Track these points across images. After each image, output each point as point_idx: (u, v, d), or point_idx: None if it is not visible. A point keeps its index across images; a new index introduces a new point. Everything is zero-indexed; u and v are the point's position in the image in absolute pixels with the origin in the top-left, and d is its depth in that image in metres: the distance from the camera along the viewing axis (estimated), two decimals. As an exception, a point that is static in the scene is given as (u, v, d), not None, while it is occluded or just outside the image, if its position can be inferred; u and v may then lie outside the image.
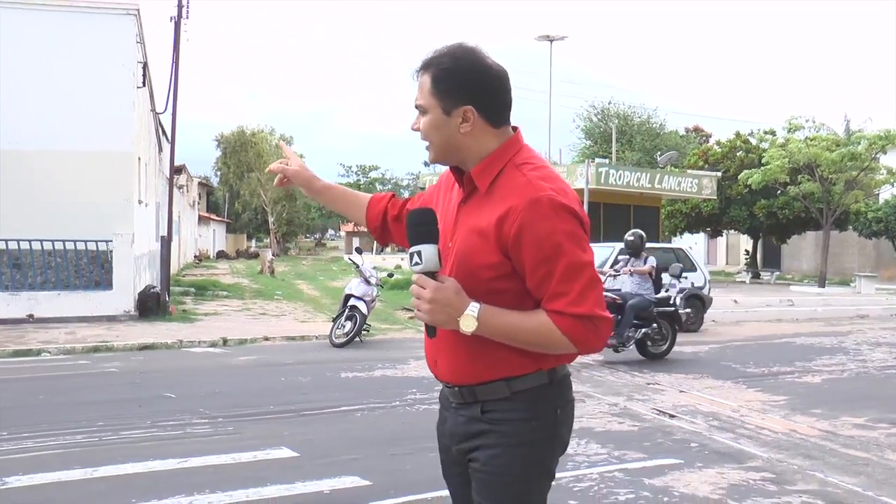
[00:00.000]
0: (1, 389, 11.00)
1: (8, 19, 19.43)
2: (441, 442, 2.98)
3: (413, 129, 2.80)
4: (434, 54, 2.73)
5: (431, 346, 2.81)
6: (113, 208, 19.37)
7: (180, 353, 14.65)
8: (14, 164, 19.06)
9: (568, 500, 6.29)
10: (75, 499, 6.24)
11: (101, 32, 20.03)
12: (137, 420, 8.95)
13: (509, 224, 2.58)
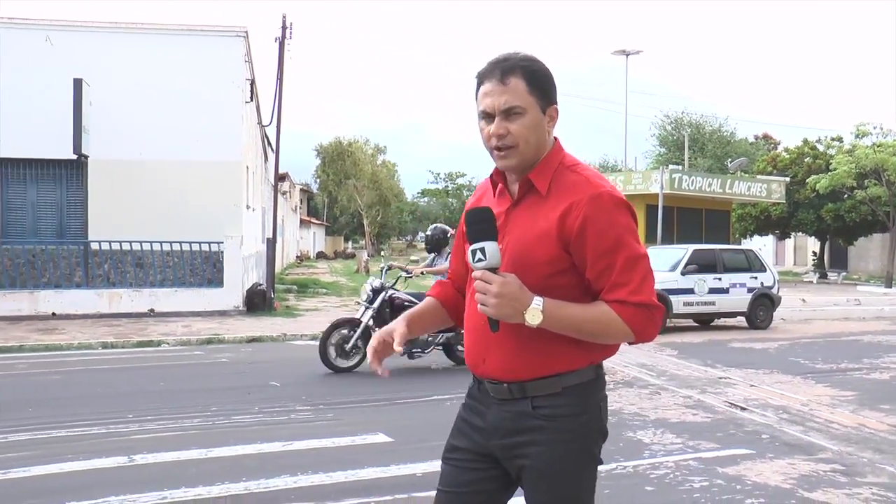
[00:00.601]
0: (126, 376, 11.34)
1: (133, 43, 20.04)
2: (464, 432, 2.82)
3: (497, 135, 2.60)
4: (511, 58, 2.62)
5: (479, 344, 2.71)
6: (224, 213, 19.79)
7: (284, 345, 14.91)
8: (137, 173, 19.64)
9: (645, 486, 6.29)
10: (193, 476, 6.38)
11: (214, 53, 20.50)
12: (247, 406, 9.15)
13: (573, 218, 2.55)
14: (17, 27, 19.86)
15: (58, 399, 9.78)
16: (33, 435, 7.80)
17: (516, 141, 2.59)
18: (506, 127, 2.59)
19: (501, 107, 2.58)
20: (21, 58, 19.43)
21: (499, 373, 2.67)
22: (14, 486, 6.27)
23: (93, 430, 8.00)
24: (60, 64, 19.11)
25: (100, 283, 18.68)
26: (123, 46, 20.01)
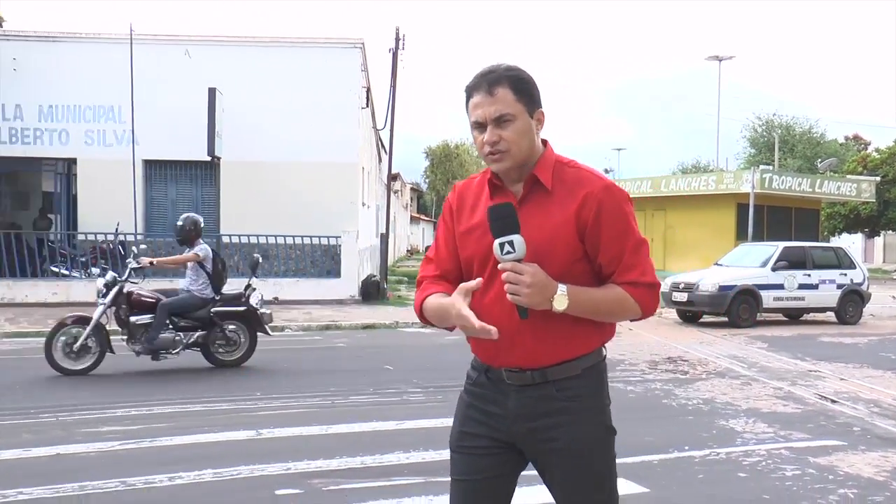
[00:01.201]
0: (253, 358, 11.61)
1: (261, 55, 20.50)
2: (478, 420, 2.76)
3: (490, 142, 2.59)
4: (496, 70, 2.62)
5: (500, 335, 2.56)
6: (341, 210, 20.10)
7: (396, 332, 15.08)
8: (264, 173, 20.10)
9: (738, 472, 6.19)
10: (315, 450, 6.52)
11: (333, 64, 20.80)
12: (362, 387, 9.30)
13: (588, 208, 2.58)
14: (159, 42, 20.50)
15: (193, 376, 10.09)
16: (172, 408, 8.10)
17: (508, 146, 2.59)
18: (498, 134, 2.59)
19: (492, 115, 2.58)
20: (162, 70, 20.05)
21: (520, 362, 2.65)
22: (160, 452, 6.52)
23: (224, 406, 8.26)
24: (197, 75, 19.65)
25: (265, 273, 19.09)
26: (252, 58, 20.49)
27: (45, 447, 6.67)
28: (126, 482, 5.71)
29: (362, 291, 19.52)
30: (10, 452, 6.55)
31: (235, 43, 20.96)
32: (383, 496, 5.45)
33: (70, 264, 18.62)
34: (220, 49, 20.69)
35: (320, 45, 21.13)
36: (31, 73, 20.27)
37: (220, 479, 5.82)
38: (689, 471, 6.17)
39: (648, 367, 11.14)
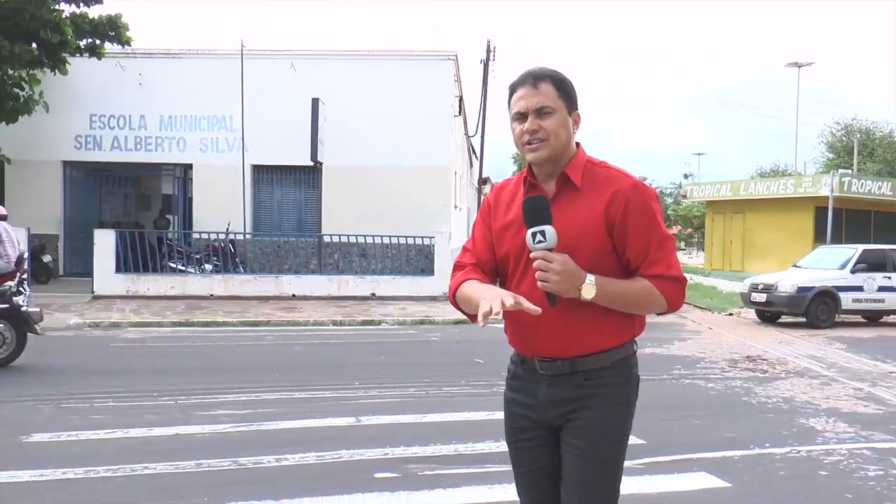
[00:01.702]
0: (353, 350, 11.77)
1: (360, 67, 20.75)
2: (515, 410, 2.80)
3: (529, 130, 2.63)
4: (540, 69, 2.68)
5: (530, 326, 2.64)
6: (434, 211, 20.22)
7: (486, 327, 14.98)
8: (362, 177, 20.36)
9: (819, 470, 5.99)
10: (410, 437, 6.57)
11: (428, 74, 20.95)
12: (455, 379, 9.33)
13: (617, 204, 2.59)
14: (266, 57, 20.94)
15: (298, 366, 10.29)
16: (279, 395, 8.25)
17: (547, 135, 2.62)
18: (538, 123, 2.62)
19: (534, 106, 2.62)
20: (269, 82, 20.48)
21: (552, 351, 2.66)
22: (266, 436, 6.66)
23: (326, 394, 8.37)
24: (301, 86, 20.00)
25: (331, 270, 19.43)
26: (353, 70, 20.76)
27: (165, 427, 6.89)
28: (237, 461, 5.86)
29: (453, 289, 19.52)
30: (135, 431, 6.78)
31: (337, 56, 21.27)
32: (475, 482, 5.47)
33: (186, 261, 19.12)
34: (323, 62, 21.03)
35: (416, 57, 21.30)
36: (153, 86, 20.94)
37: (322, 461, 5.92)
38: (769, 467, 6.03)
39: (728, 364, 10.92)
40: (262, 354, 11.26)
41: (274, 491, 5.21)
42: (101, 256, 18.02)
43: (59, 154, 21.20)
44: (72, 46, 18.00)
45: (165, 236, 19.86)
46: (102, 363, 10.54)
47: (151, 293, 17.94)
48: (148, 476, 5.58)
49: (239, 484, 5.38)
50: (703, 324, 16.10)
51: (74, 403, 7.81)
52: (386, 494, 5.18)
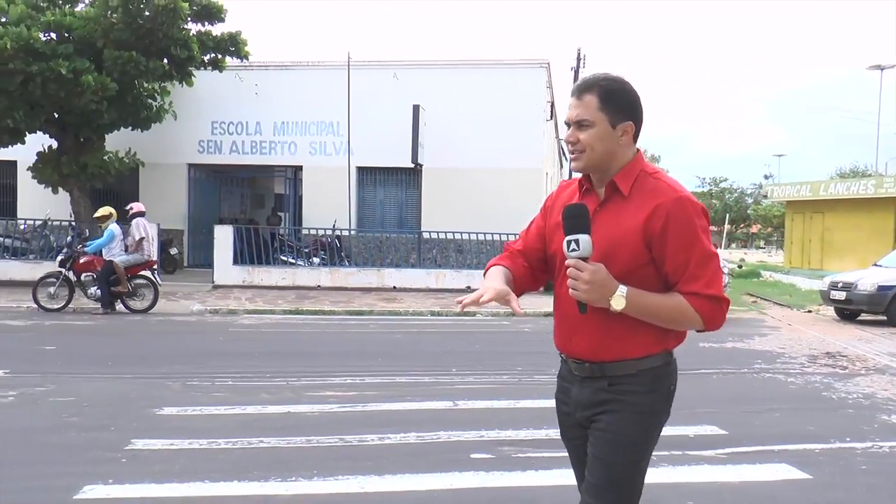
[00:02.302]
0: (449, 339, 11.81)
1: (458, 75, 20.80)
2: (561, 409, 2.75)
3: (568, 141, 2.58)
4: (594, 78, 2.56)
5: (568, 326, 2.61)
6: (526, 210, 19.97)
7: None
8: (459, 178, 20.42)
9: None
10: (504, 421, 6.56)
11: (521, 81, 20.85)
12: (546, 368, 9.18)
13: (657, 218, 2.44)
14: (371, 68, 21.18)
15: (399, 353, 10.38)
16: (382, 379, 8.34)
17: (584, 147, 2.52)
18: (576, 135, 2.53)
19: (574, 118, 2.53)
20: (373, 90, 20.70)
21: (584, 353, 2.58)
22: (370, 416, 6.74)
23: (425, 379, 8.42)
24: (403, 94, 20.17)
25: (429, 265, 19.53)
26: (451, 78, 20.82)
27: (278, 406, 7.04)
28: (343, 439, 5.95)
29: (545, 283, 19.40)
30: (251, 408, 6.96)
31: (436, 66, 21.37)
32: (566, 465, 5.37)
33: (296, 254, 19.50)
34: (423, 71, 21.15)
35: (510, 65, 21.23)
36: (268, 96, 21.42)
37: (422, 441, 5.97)
38: (851, 461, 5.80)
39: (808, 360, 10.56)
40: (365, 341, 11.41)
41: (377, 467, 5.27)
42: (220, 250, 18.56)
43: (185, 157, 21.90)
44: (197, 61, 18.55)
45: (277, 232, 20.30)
46: (222, 346, 10.85)
47: (264, 283, 18.36)
48: (263, 449, 5.72)
49: (345, 459, 5.46)
50: (782, 320, 15.62)
51: (198, 381, 8.07)
52: (481, 474, 5.19)
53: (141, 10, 17.01)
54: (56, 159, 18.46)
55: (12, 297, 15.26)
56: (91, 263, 13.64)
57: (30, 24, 16.45)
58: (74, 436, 6.03)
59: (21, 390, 7.53)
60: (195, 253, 22.32)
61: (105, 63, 17.10)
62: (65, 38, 17.29)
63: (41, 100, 17.01)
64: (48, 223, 19.16)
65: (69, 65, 16.40)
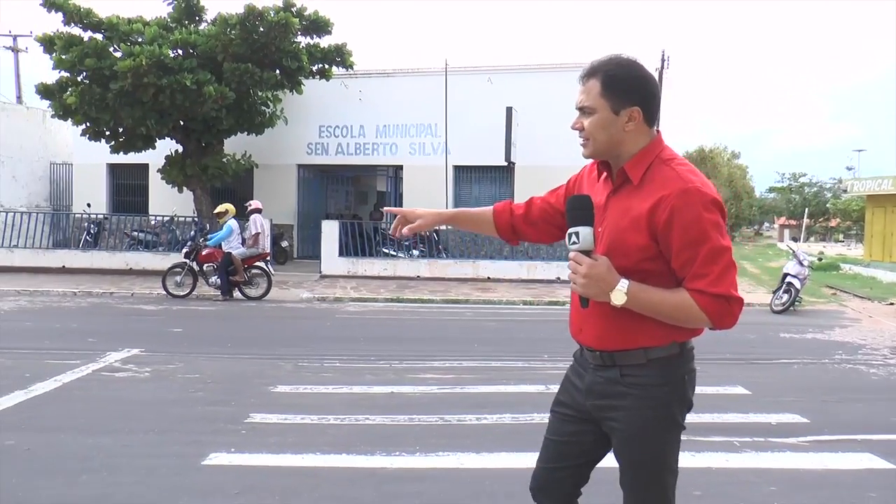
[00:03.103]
0: (541, 327, 11.73)
1: (547, 78, 20.58)
2: (569, 390, 2.55)
3: (574, 128, 2.38)
4: (600, 62, 2.32)
5: (579, 315, 2.42)
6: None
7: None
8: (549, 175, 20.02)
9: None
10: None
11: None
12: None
13: (661, 210, 2.20)
14: (467, 73, 21.16)
15: (493, 339, 10.36)
16: (478, 363, 8.34)
17: (588, 135, 2.33)
18: (581, 122, 2.35)
19: (578, 104, 2.35)
20: (468, 94, 20.70)
21: (593, 342, 2.39)
22: (468, 397, 6.76)
23: (518, 364, 8.38)
24: (496, 96, 20.11)
25: (521, 257, 19.43)
26: (541, 81, 20.60)
27: (382, 386, 7.14)
28: (443, 418, 5.98)
29: (628, 275, 19.08)
30: (357, 388, 7.07)
31: (527, 70, 21.22)
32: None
33: (396, 247, 19.68)
34: (516, 75, 21.02)
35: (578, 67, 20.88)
36: (371, 101, 21.66)
37: (517, 422, 5.95)
38: (938, 451, 5.52)
39: (890, 352, 10.06)
40: (462, 328, 11.44)
41: (475, 445, 5.28)
42: (327, 243, 18.89)
43: (295, 159, 22.36)
44: (306, 71, 18.91)
45: (380, 226, 20.52)
46: (329, 331, 11.05)
47: (368, 274, 18.60)
48: (369, 426, 5.80)
49: (445, 437, 5.49)
50: (862, 312, 14.94)
51: (308, 363, 8.24)
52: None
53: (256, 27, 17.46)
54: (181, 162, 19.15)
55: (145, 285, 15.91)
56: (212, 255, 14.13)
57: (161, 43, 17.09)
58: (200, 409, 6.25)
59: (154, 367, 7.85)
60: (304, 246, 22.80)
61: (224, 75, 17.64)
62: (190, 53, 17.90)
63: (169, 109, 17.65)
64: (175, 219, 19.92)
65: (193, 77, 16.96)
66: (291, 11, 17.61)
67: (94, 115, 17.85)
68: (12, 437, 5.37)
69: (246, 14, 17.35)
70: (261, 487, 4.45)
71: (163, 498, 4.28)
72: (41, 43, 17.87)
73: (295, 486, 4.48)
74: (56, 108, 18.23)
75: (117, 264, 18.70)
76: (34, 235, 19.67)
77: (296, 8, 17.92)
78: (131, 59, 16.48)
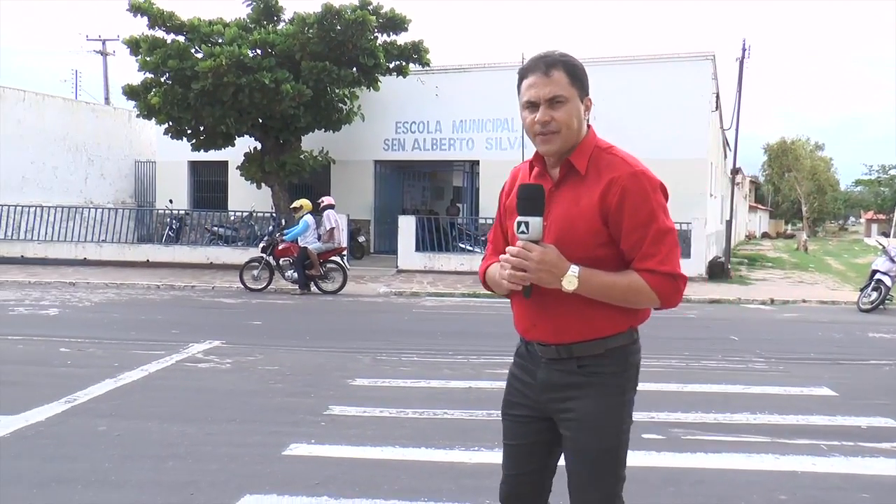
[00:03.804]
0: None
1: (625, 71, 20.30)
2: (516, 385, 2.51)
3: (544, 122, 2.28)
4: (551, 55, 2.33)
5: (529, 311, 2.38)
6: (691, 200, 19.39)
7: (738, 307, 14.29)
8: (625, 169, 19.92)
9: None
10: (673, 403, 6.37)
11: (685, 74, 20.05)
12: (711, 354, 8.90)
13: (612, 193, 2.25)
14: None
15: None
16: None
17: (559, 127, 2.28)
18: (550, 114, 2.27)
19: (546, 96, 2.27)
20: (545, 87, 20.52)
21: (549, 336, 2.36)
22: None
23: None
24: (572, 90, 19.88)
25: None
26: (616, 74, 20.28)
27: (460, 381, 7.15)
28: (521, 415, 5.95)
29: (709, 271, 18.70)
30: (435, 382, 7.10)
31: (604, 63, 20.89)
32: (735, 450, 5.18)
33: (473, 242, 19.70)
34: (590, 68, 19.82)
35: (676, 59, 20.46)
36: (447, 96, 21.71)
37: (595, 419, 5.87)
38: None
39: None
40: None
41: (553, 441, 5.23)
42: (403, 237, 19.04)
43: (371, 154, 22.59)
44: (383, 68, 19.07)
45: (456, 221, 20.57)
46: (407, 325, 11.13)
47: (444, 269, 18.68)
48: (447, 420, 5.82)
49: (523, 433, 5.46)
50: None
51: (386, 356, 8.32)
52: (653, 454, 5.05)
53: (333, 25, 17.69)
54: (260, 159, 19.55)
55: (225, 278, 16.32)
56: (288, 250, 14.39)
57: (240, 43, 17.49)
58: (280, 400, 6.37)
59: (235, 358, 8.04)
60: (380, 240, 23.01)
61: (302, 73, 17.94)
62: (268, 52, 18.25)
63: (248, 107, 18.04)
64: (253, 214, 20.36)
65: (272, 76, 17.30)
66: (368, 10, 17.79)
67: (177, 115, 18.41)
68: (104, 424, 5.58)
69: (324, 13, 17.61)
70: (341, 478, 4.50)
71: (245, 486, 4.38)
72: (127, 46, 18.52)
73: (374, 478, 4.53)
74: (141, 108, 18.85)
75: (198, 258, 19.24)
76: (120, 231, 20.40)
77: (372, 6, 18.10)
78: (212, 59, 16.92)
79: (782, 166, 68.49)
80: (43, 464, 4.72)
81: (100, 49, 35.80)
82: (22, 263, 19.43)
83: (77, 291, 14.62)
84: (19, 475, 4.51)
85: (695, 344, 9.63)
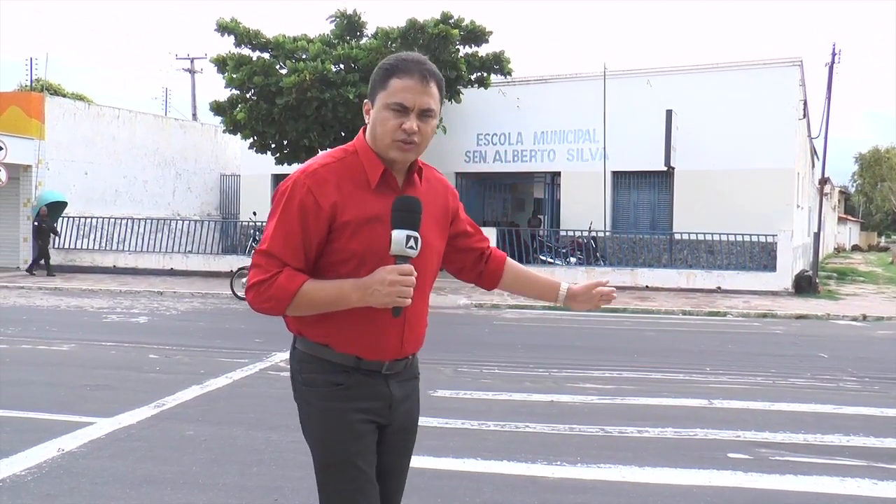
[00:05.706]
0: (700, 338, 11.29)
1: (708, 79, 19.92)
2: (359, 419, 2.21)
3: (413, 131, 2.13)
4: (426, 64, 2.16)
5: (397, 330, 2.22)
6: (777, 211, 18.89)
7: (827, 323, 13.75)
8: (710, 180, 19.55)
9: None
10: (760, 422, 6.17)
11: (771, 81, 19.52)
12: (800, 371, 8.59)
13: (453, 200, 2.44)
14: (626, 76, 20.78)
15: (652, 350, 10.09)
16: (638, 374, 8.15)
17: (423, 140, 2.17)
18: (419, 125, 2.14)
19: (422, 106, 2.13)
20: (627, 97, 20.32)
21: (414, 348, 2.34)
22: (628, 409, 6.61)
23: (679, 377, 8.11)
24: (655, 99, 19.63)
25: (679, 265, 18.88)
26: (702, 82, 19.94)
27: (541, 394, 7.10)
28: (604, 429, 5.87)
29: (795, 285, 18.07)
30: (517, 395, 7.07)
31: (688, 71, 20.58)
32: (826, 473, 4.98)
33: (554, 254, 19.60)
34: (675, 77, 20.43)
35: (761, 66, 19.95)
36: (528, 108, 21.71)
37: (679, 437, 5.75)
38: None
39: None
40: (620, 338, 11.21)
41: (637, 459, 5.15)
42: (484, 249, 19.03)
43: (453, 167, 22.69)
44: (465, 80, 19.20)
45: (537, 233, 20.50)
46: (487, 337, 11.13)
47: (524, 281, 18.55)
48: (529, 433, 5.78)
49: (606, 449, 5.39)
50: None
51: (467, 368, 8.33)
52: (739, 474, 4.90)
53: (417, 40, 17.90)
54: (343, 171, 19.87)
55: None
56: None
57: (324, 58, 17.87)
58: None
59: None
60: (461, 252, 23.05)
61: (385, 86, 18.19)
62: (352, 67, 18.59)
63: (331, 121, 18.40)
64: None
65: (355, 91, 17.60)
66: (450, 23, 17.93)
67: (261, 130, 18.90)
68: (191, 428, 5.75)
69: (407, 27, 17.84)
70: (423, 489, 4.52)
71: (330, 495, 4.43)
72: (215, 64, 19.14)
73: (456, 490, 4.53)
74: (227, 124, 19.45)
75: (284, 269, 19.64)
76: (206, 242, 21.03)
77: (454, 20, 18.24)
78: (296, 74, 17.33)
79: (875, 176, 65.91)
80: (135, 465, 4.90)
81: (188, 67, 37.09)
82: (114, 273, 20.28)
83: (164, 300, 15.13)
84: (115, 475, 4.70)
85: (781, 361, 9.31)
